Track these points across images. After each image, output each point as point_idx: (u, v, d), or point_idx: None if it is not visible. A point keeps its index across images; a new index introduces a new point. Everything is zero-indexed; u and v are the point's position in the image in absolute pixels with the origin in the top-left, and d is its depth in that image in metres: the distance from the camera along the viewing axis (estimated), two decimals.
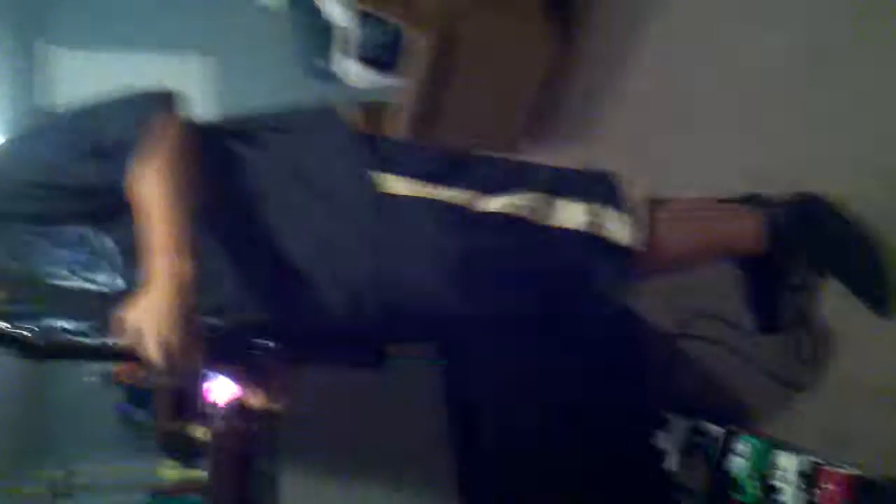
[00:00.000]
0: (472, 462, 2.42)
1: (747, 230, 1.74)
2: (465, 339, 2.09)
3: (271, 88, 4.74)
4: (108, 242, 1.37)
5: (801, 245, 1.77)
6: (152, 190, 1.27)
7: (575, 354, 2.22)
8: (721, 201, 1.90)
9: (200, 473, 4.01)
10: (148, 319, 1.18)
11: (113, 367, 4.76)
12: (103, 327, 1.43)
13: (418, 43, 3.07)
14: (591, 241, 1.51)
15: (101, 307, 1.38)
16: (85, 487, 4.44)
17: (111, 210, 1.35)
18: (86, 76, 4.88)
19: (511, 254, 1.50)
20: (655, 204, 1.60)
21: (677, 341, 2.26)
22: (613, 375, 2.26)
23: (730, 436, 2.01)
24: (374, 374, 1.54)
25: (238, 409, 2.77)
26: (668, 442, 2.17)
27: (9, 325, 1.11)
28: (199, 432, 4.06)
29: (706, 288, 2.14)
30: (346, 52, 3.86)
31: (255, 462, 2.75)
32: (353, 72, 3.87)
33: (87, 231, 1.37)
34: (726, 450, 2.01)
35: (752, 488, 1.92)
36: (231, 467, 2.92)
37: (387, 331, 1.54)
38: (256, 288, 1.41)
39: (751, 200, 1.84)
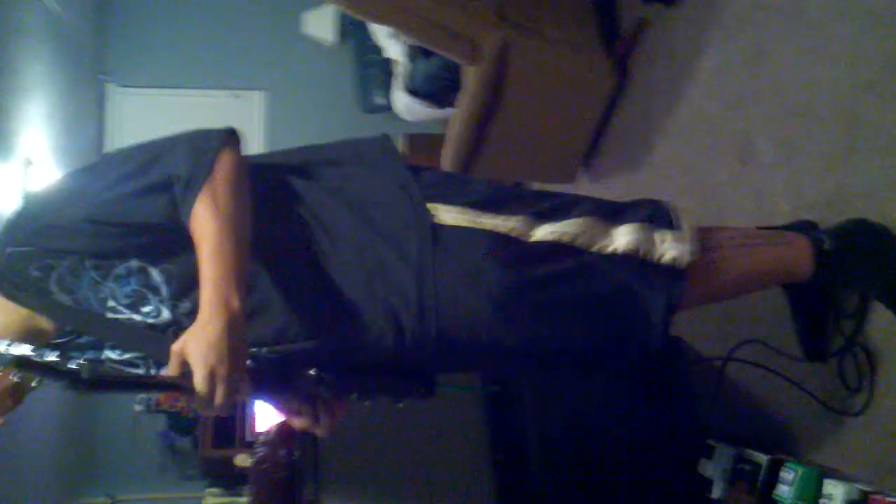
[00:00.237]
0: (515, 487, 2.42)
1: (795, 256, 1.72)
2: (511, 367, 2.09)
3: (326, 122, 4.84)
4: (158, 276, 1.39)
5: (848, 270, 1.75)
6: (207, 224, 1.29)
7: (620, 381, 2.21)
8: (768, 228, 1.89)
9: (245, 501, 4.04)
10: (199, 351, 1.19)
11: (156, 395, 4.83)
12: (152, 358, 1.46)
13: (470, 76, 3.10)
14: (641, 268, 1.51)
15: (150, 339, 1.41)
16: None
17: (163, 245, 1.38)
18: (148, 113, 5.01)
19: (559, 282, 1.49)
20: (704, 232, 1.60)
21: (723, 368, 2.24)
22: (658, 402, 2.24)
23: (776, 463, 1.98)
24: (422, 404, 1.53)
25: (282, 437, 2.81)
26: (713, 470, 2.15)
27: (58, 358, 1.13)
28: (243, 460, 4.10)
29: (753, 314, 2.13)
30: (398, 86, 3.91)
31: (298, 489, 2.76)
32: (406, 105, 3.92)
33: (138, 264, 1.39)
34: (772, 478, 1.98)
35: None
36: (274, 494, 2.94)
37: (434, 360, 1.54)
38: (306, 318, 1.42)
39: (797, 226, 1.83)
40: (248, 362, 1.28)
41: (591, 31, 3.18)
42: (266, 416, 4.23)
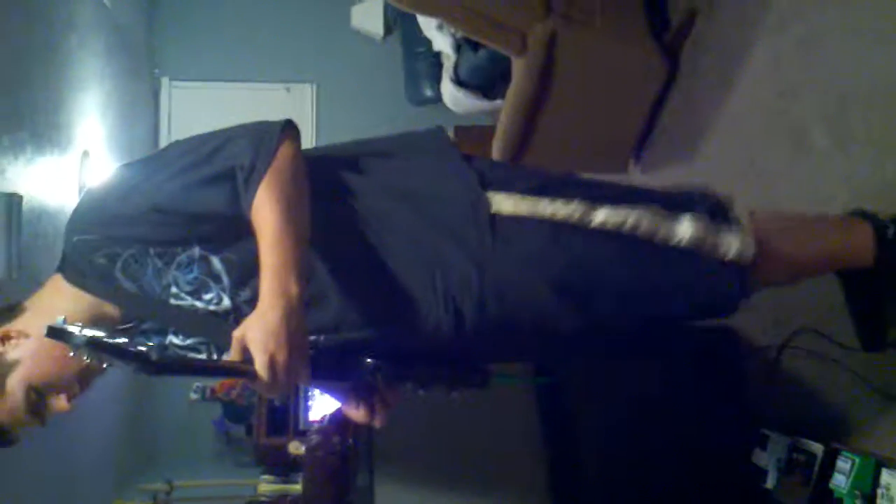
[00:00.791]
0: (568, 476, 2.42)
1: (855, 242, 1.72)
2: (568, 355, 2.10)
3: (375, 114, 4.90)
4: (220, 264, 1.43)
5: None
6: (268, 213, 1.32)
7: (674, 370, 2.20)
8: (828, 216, 1.88)
9: (298, 487, 4.10)
10: (259, 337, 1.22)
11: (212, 384, 4.93)
12: (212, 344, 1.50)
13: (518, 67, 3.10)
14: (704, 261, 1.52)
15: (211, 325, 1.46)
16: (186, 500, 4.57)
17: (225, 234, 1.41)
18: (201, 106, 5.11)
19: (621, 269, 1.51)
20: (763, 219, 1.60)
21: (779, 356, 2.22)
22: (712, 391, 2.23)
23: (831, 453, 1.97)
24: (476, 393, 1.55)
25: (336, 425, 2.84)
26: (767, 459, 2.14)
27: (126, 340, 1.17)
28: (296, 448, 4.16)
29: (810, 302, 2.11)
30: (447, 78, 3.92)
31: (351, 476, 2.80)
32: (454, 97, 3.93)
33: (200, 252, 1.42)
34: (827, 467, 1.97)
35: None
36: (327, 481, 2.98)
37: (491, 349, 1.57)
38: (363, 307, 1.46)
39: (858, 215, 1.81)
40: (308, 348, 1.29)
41: (640, 21, 3.16)
42: (319, 405, 4.29)
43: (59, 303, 1.44)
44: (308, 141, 1.48)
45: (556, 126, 3.23)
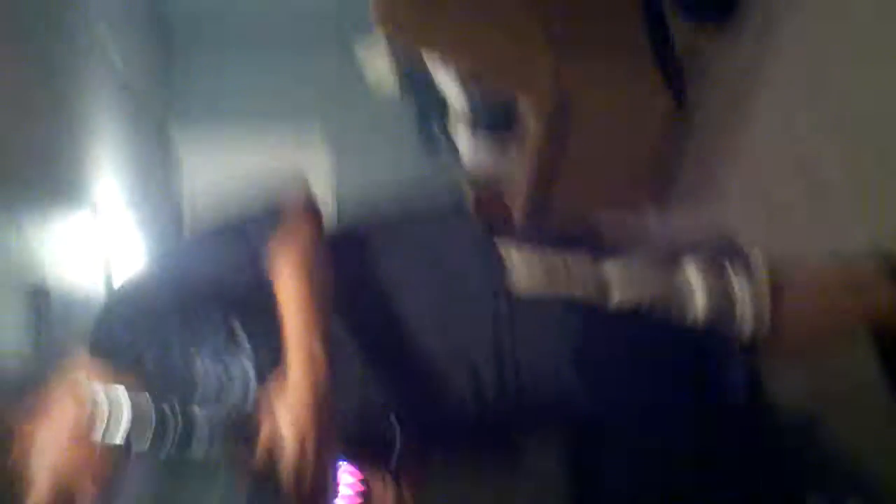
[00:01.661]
0: None
1: (882, 300, 1.66)
2: (590, 431, 2.05)
3: (389, 165, 4.91)
4: (245, 340, 1.41)
5: None
6: (289, 283, 1.32)
7: (703, 443, 2.14)
8: (850, 267, 1.82)
9: None
10: (286, 413, 1.19)
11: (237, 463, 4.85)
12: (239, 419, 1.46)
13: (531, 111, 3.10)
14: (721, 335, 1.49)
15: (237, 401, 1.42)
16: None
17: (250, 309, 1.39)
18: (215, 160, 5.18)
19: (638, 344, 1.49)
20: (781, 276, 1.55)
21: (818, 417, 2.16)
22: (747, 463, 2.16)
23: None
24: (500, 464, 1.51)
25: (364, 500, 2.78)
26: None
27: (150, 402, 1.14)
28: None
29: (843, 359, 2.05)
30: (460, 126, 3.90)
31: None
32: (468, 145, 3.90)
33: (224, 328, 1.41)
34: None
35: None
36: None
37: (513, 420, 1.54)
38: (386, 377, 1.44)
39: (882, 265, 1.75)
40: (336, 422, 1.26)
41: (645, 59, 3.17)
42: (347, 479, 4.21)
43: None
44: (322, 193, 1.49)
45: (571, 169, 3.25)
